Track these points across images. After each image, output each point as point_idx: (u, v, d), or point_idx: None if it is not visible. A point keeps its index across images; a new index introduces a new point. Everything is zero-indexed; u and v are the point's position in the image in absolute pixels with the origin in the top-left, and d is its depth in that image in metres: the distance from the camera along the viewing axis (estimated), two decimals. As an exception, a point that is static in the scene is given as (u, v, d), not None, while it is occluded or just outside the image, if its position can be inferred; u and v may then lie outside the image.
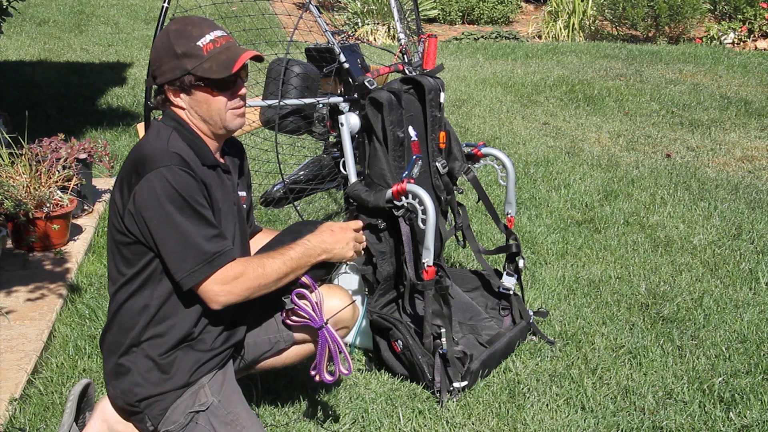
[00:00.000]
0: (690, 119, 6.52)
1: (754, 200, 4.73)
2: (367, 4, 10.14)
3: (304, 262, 2.16)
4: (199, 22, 2.08)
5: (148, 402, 2.14)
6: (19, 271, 3.51)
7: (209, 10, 5.27)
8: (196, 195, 1.99)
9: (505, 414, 2.67)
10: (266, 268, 2.07)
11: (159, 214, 1.96)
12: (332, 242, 2.22)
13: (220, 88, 2.08)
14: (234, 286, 2.02)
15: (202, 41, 2.04)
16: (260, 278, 2.05)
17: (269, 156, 3.60)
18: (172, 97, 2.10)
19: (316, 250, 2.18)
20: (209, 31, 2.06)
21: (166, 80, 2.06)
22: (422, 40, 3.30)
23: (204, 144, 2.14)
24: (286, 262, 2.11)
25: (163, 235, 1.97)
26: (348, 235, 2.26)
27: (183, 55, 2.03)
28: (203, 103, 2.09)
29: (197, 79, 2.05)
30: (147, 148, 2.06)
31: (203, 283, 2.00)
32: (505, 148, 5.65)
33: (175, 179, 1.96)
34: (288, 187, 3.31)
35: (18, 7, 5.58)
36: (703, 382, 2.86)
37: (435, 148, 3.07)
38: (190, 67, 2.03)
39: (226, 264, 2.01)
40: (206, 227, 1.99)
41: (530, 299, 3.45)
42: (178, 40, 2.03)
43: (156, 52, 2.08)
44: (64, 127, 4.90)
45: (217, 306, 2.03)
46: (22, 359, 2.83)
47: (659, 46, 9.88)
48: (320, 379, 2.28)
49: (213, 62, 2.04)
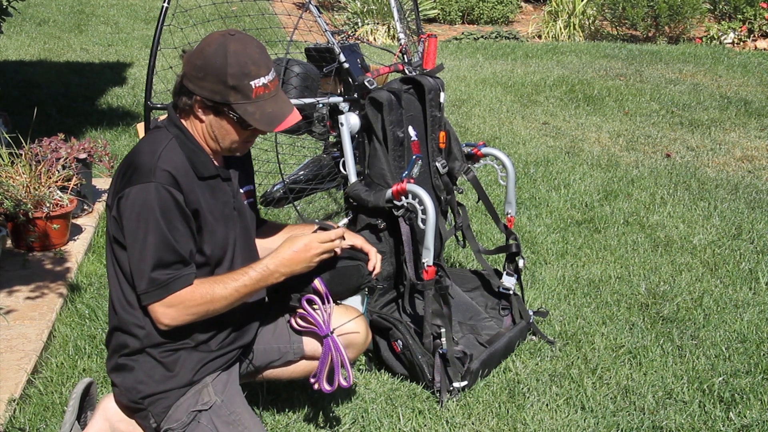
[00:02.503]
0: (690, 119, 6.52)
1: (754, 200, 4.74)
2: (367, 4, 10.14)
3: (260, 286, 2.12)
4: (259, 60, 2.03)
5: (152, 399, 2.15)
6: (18, 271, 3.51)
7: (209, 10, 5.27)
8: (173, 218, 2.00)
9: (505, 414, 2.67)
10: (215, 294, 2.05)
11: (134, 227, 1.99)
12: (292, 264, 2.12)
13: (248, 128, 2.08)
14: (178, 311, 2.03)
15: (255, 82, 2.02)
16: (208, 304, 2.05)
17: (269, 156, 3.60)
18: (198, 110, 2.08)
19: (274, 274, 2.11)
20: (265, 73, 2.04)
21: (202, 95, 2.04)
22: (422, 40, 3.30)
23: (205, 155, 2.13)
24: (238, 288, 2.07)
25: (132, 248, 2.01)
26: (310, 254, 2.14)
27: (232, 88, 2.00)
28: (224, 130, 2.08)
29: (237, 118, 2.04)
30: (141, 157, 2.05)
31: (152, 304, 2.03)
32: (505, 148, 5.65)
33: (157, 199, 1.97)
34: (288, 187, 3.31)
35: (18, 7, 5.58)
36: (703, 382, 2.86)
37: (435, 148, 3.07)
38: (233, 101, 2.02)
39: (177, 290, 2.02)
40: (169, 253, 2.00)
41: (530, 299, 3.45)
42: (234, 69, 1.99)
43: (204, 61, 2.01)
44: (64, 127, 4.89)
45: (162, 327, 2.06)
46: (22, 359, 2.83)
47: (659, 46, 9.88)
48: (319, 387, 2.28)
49: (258, 110, 2.03)
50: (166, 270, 2.00)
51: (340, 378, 2.26)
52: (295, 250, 2.12)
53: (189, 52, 2.07)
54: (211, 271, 2.15)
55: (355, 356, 2.48)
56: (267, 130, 2.07)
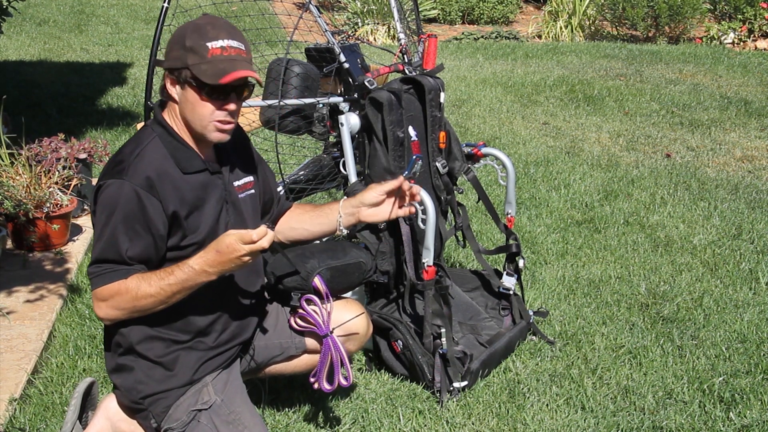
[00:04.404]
0: (690, 119, 6.52)
1: (754, 200, 4.74)
2: (367, 4, 10.14)
3: (189, 285, 2.05)
4: (223, 27, 2.04)
5: (152, 399, 2.15)
6: (19, 271, 3.51)
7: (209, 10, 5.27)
8: (134, 220, 2.00)
9: (505, 414, 2.67)
10: (140, 291, 2.01)
11: (101, 219, 2.03)
12: (218, 264, 2.02)
13: (209, 95, 2.03)
14: (108, 305, 2.03)
15: (212, 43, 2.01)
16: (134, 300, 2.02)
17: (269, 156, 3.59)
18: (168, 84, 2.09)
19: (202, 275, 2.03)
20: (225, 37, 2.03)
21: (168, 66, 2.06)
22: (422, 40, 3.30)
23: (189, 149, 2.11)
24: (163, 288, 2.03)
25: (95, 236, 2.06)
26: (234, 255, 2.01)
27: (189, 49, 2.01)
28: (190, 103, 2.06)
29: (192, 77, 2.02)
30: (121, 155, 2.08)
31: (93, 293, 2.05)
32: (505, 148, 5.65)
33: (125, 198, 1.99)
34: (288, 187, 3.31)
35: (18, 7, 5.58)
36: (703, 382, 2.86)
37: (435, 148, 3.07)
38: (190, 63, 2.01)
39: (109, 282, 2.01)
40: (113, 252, 2.01)
41: (530, 299, 3.45)
42: (193, 33, 2.02)
43: (172, 37, 2.07)
44: (64, 127, 4.90)
45: (103, 321, 2.08)
46: (22, 359, 2.83)
47: (659, 46, 9.88)
48: (318, 386, 2.28)
49: (210, 66, 2.00)
50: (102, 264, 2.02)
51: (340, 377, 2.26)
52: (219, 250, 2.03)
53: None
54: None
55: (357, 348, 2.47)
56: (212, 81, 2.00)
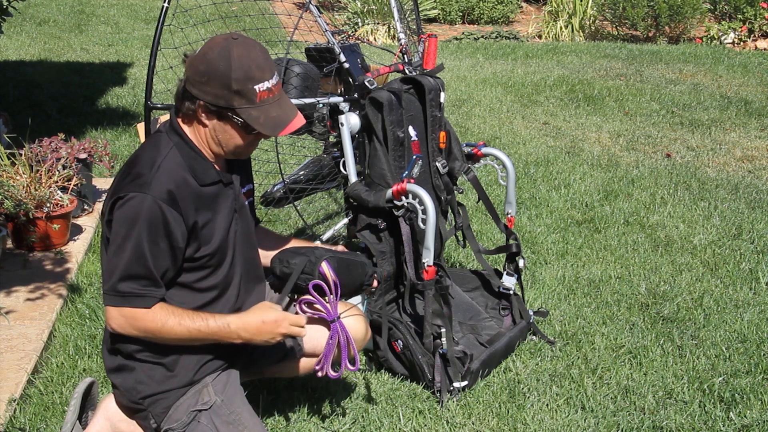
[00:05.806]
0: (690, 119, 6.52)
1: (754, 200, 4.74)
2: (367, 4, 10.14)
3: (216, 338, 2.08)
4: (263, 64, 2.02)
5: (152, 399, 2.15)
6: (19, 271, 3.51)
7: (209, 10, 5.28)
8: (158, 235, 1.99)
9: (505, 414, 2.67)
10: (166, 326, 2.02)
11: (117, 230, 2.00)
12: (256, 333, 2.09)
13: (252, 132, 2.07)
14: (127, 323, 2.02)
15: (259, 86, 2.01)
16: (156, 332, 2.03)
17: (269, 156, 3.60)
18: (202, 115, 2.06)
19: (233, 335, 2.08)
20: (269, 77, 2.03)
21: (206, 100, 2.02)
22: (422, 40, 3.30)
23: (206, 161, 2.13)
24: (191, 330, 2.04)
25: (110, 247, 2.02)
26: (277, 332, 2.11)
27: (236, 92, 1.99)
28: (228, 135, 2.08)
29: (242, 123, 2.03)
30: (140, 166, 2.04)
31: (110, 307, 2.03)
32: (505, 148, 5.65)
33: (148, 212, 1.97)
34: (288, 187, 3.31)
35: (18, 7, 5.58)
36: (703, 382, 2.86)
37: (435, 148, 3.07)
38: (237, 106, 2.01)
39: (133, 307, 2.01)
40: (140, 267, 1.99)
41: (530, 299, 3.45)
42: (238, 74, 1.98)
43: (207, 66, 2.00)
44: (64, 127, 4.90)
45: (110, 328, 2.07)
46: (22, 359, 2.83)
47: (659, 46, 9.88)
48: (324, 374, 2.26)
49: (262, 114, 2.02)
50: (131, 283, 2.00)
51: (347, 362, 2.25)
52: (265, 320, 2.08)
53: (191, 57, 2.05)
54: (211, 272, 2.15)
55: (356, 351, 2.48)
56: (271, 134, 2.07)
